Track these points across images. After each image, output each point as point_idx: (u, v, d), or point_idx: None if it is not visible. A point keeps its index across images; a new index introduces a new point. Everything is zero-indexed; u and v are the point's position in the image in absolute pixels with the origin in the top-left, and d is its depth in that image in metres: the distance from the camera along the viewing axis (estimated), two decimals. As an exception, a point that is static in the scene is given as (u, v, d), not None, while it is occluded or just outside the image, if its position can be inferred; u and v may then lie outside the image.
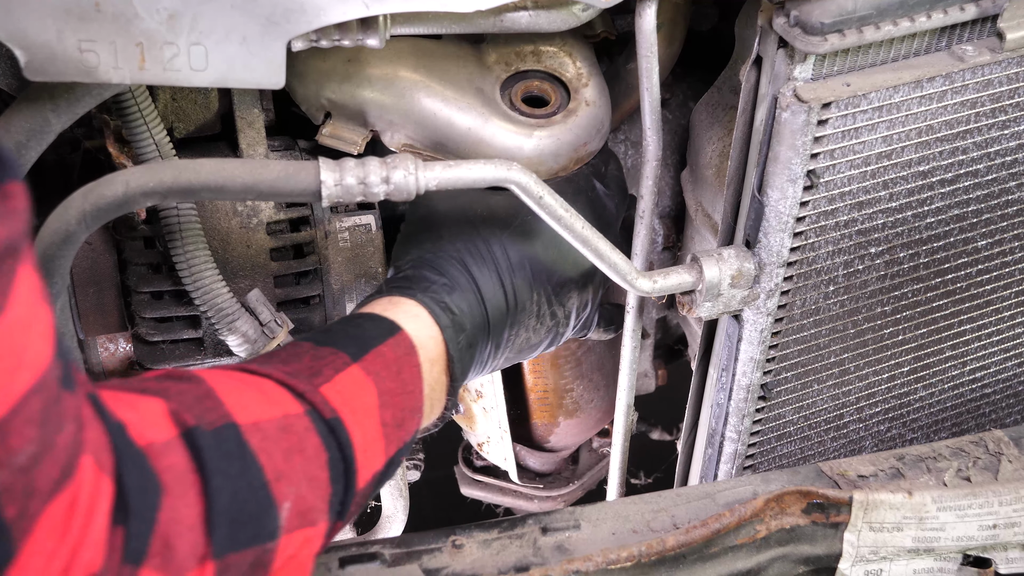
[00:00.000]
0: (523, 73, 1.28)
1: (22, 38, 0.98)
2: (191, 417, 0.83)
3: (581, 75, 1.29)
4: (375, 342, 1.06)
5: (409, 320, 1.12)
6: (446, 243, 1.21)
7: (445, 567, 1.06)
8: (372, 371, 1.02)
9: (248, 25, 1.01)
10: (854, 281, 1.25)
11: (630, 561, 1.06)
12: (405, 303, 1.14)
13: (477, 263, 1.20)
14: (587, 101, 1.28)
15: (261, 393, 0.93)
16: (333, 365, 1.00)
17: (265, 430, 0.89)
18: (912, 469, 1.20)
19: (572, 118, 1.26)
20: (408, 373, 1.07)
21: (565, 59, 1.29)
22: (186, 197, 1.06)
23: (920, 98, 1.13)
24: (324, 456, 0.93)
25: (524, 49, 1.28)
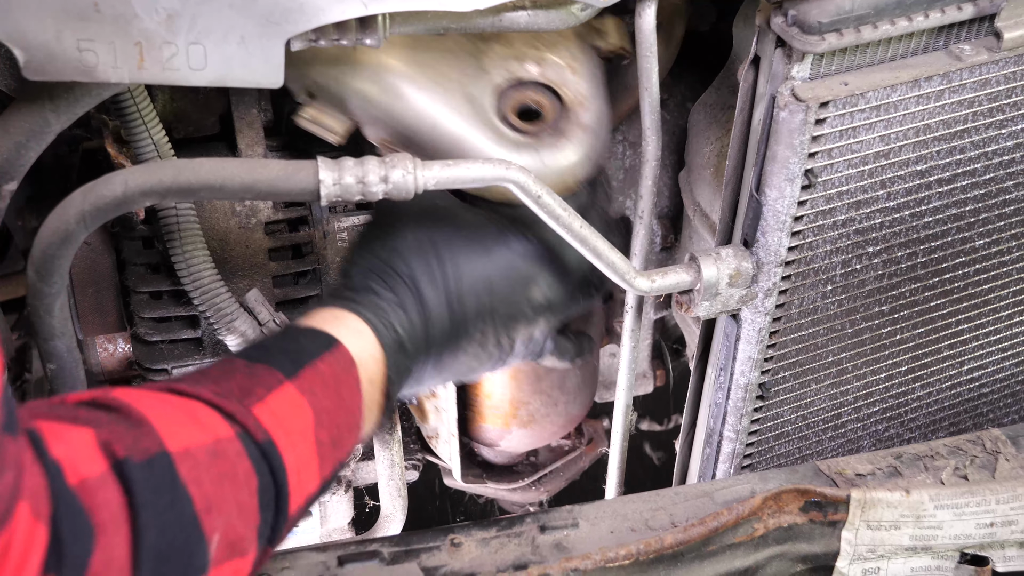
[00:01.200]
0: (524, 83, 1.24)
1: (21, 38, 0.98)
2: (121, 448, 0.80)
3: (580, 95, 1.24)
4: (311, 357, 1.02)
5: (351, 336, 1.08)
6: (400, 257, 1.17)
7: (443, 565, 1.07)
8: (307, 389, 0.99)
9: (246, 25, 1.01)
10: (852, 280, 1.25)
11: (628, 559, 1.06)
12: (349, 318, 1.11)
13: (428, 284, 1.16)
14: (582, 125, 1.23)
15: (192, 417, 0.89)
16: (266, 383, 0.97)
17: (196, 457, 0.86)
18: (910, 467, 1.20)
19: (562, 141, 1.22)
20: (347, 390, 1.04)
21: (567, 73, 1.25)
22: (185, 197, 1.06)
23: (918, 97, 1.13)
24: (255, 482, 0.90)
25: (528, 53, 1.25)
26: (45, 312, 1.10)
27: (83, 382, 1.19)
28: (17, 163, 1.11)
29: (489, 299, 1.19)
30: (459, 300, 1.17)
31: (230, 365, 0.99)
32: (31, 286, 1.09)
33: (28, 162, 1.11)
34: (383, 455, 1.57)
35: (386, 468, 1.58)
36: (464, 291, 1.18)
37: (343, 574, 1.05)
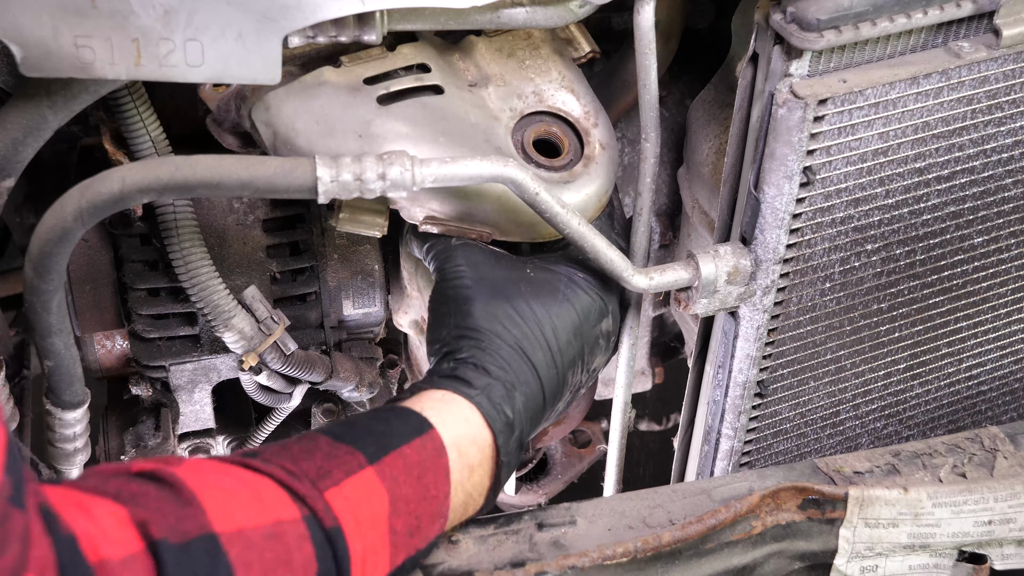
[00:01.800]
0: (529, 116, 1.24)
1: (18, 34, 0.98)
2: (159, 529, 0.78)
3: (588, 114, 1.25)
4: (398, 441, 0.99)
5: (454, 423, 1.05)
6: (500, 327, 1.12)
7: (441, 563, 1.06)
8: (388, 475, 0.96)
9: (244, 21, 1.01)
10: (850, 278, 1.25)
11: (626, 557, 1.06)
12: (458, 403, 1.07)
13: (534, 349, 1.13)
14: (601, 144, 1.24)
15: (255, 496, 0.88)
16: (346, 467, 0.94)
17: (250, 539, 0.84)
18: (908, 465, 1.20)
19: (593, 166, 1.23)
20: (432, 477, 1.01)
21: (568, 96, 1.25)
22: (182, 193, 1.06)
23: (916, 95, 1.13)
24: (314, 568, 0.88)
25: (524, 90, 1.24)
26: (43, 309, 1.10)
27: (81, 379, 1.19)
28: (15, 159, 1.11)
29: (579, 344, 1.18)
30: (560, 355, 1.15)
31: (314, 442, 0.97)
32: (29, 283, 1.09)
33: (26, 158, 1.11)
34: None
35: (384, 465, 1.58)
36: (563, 347, 1.15)
37: (340, 571, 1.05)
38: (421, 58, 1.21)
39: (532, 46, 1.26)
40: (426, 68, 1.21)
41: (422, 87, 1.20)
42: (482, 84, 1.23)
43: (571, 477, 1.74)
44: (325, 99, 1.18)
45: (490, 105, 1.23)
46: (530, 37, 1.26)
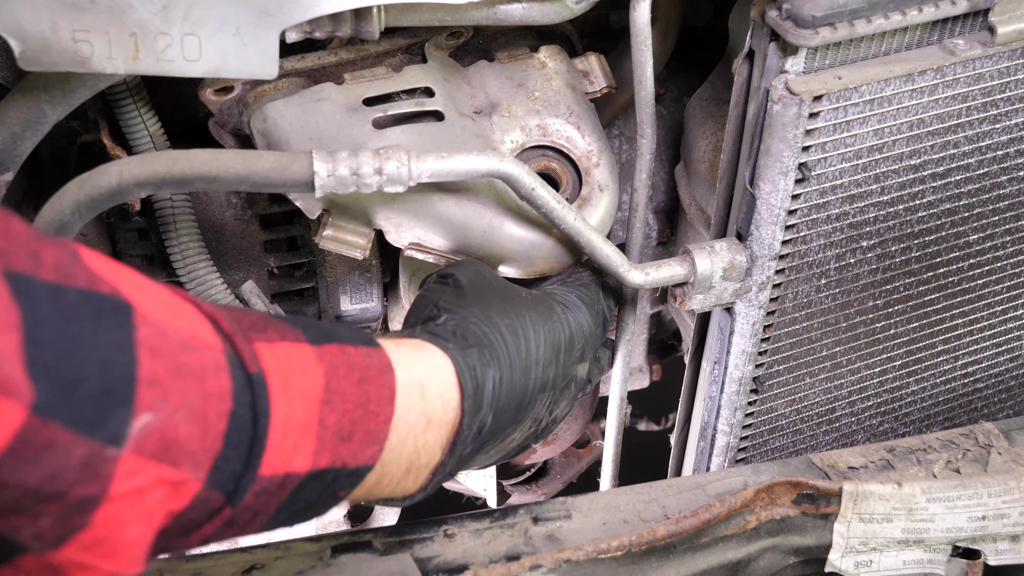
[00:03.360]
0: (531, 149, 1.22)
1: (16, 28, 0.99)
2: (22, 267, 0.67)
3: (591, 153, 1.22)
4: (344, 339, 0.89)
5: (423, 367, 0.96)
6: (492, 312, 1.06)
7: (437, 556, 1.07)
8: (327, 360, 0.85)
9: (241, 15, 1.01)
10: (846, 274, 1.26)
11: (620, 551, 1.07)
12: (431, 350, 0.98)
13: (520, 346, 1.05)
14: (600, 185, 1.22)
15: (176, 310, 0.76)
16: (282, 333, 0.83)
17: (164, 332, 0.72)
18: (902, 461, 1.21)
19: (588, 209, 1.21)
20: (375, 391, 0.89)
21: (573, 132, 1.22)
22: (180, 187, 1.07)
23: (911, 92, 1.14)
24: (228, 405, 0.75)
25: (529, 123, 1.22)
26: (40, 302, 1.10)
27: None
28: (13, 153, 1.11)
29: (557, 370, 1.10)
30: (539, 369, 1.07)
31: (252, 311, 0.87)
32: (26, 276, 1.09)
33: (24, 153, 1.12)
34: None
35: (381, 461, 1.59)
36: (544, 362, 1.08)
37: (336, 564, 1.06)
38: (427, 81, 1.19)
39: (545, 77, 1.24)
40: (430, 92, 1.19)
41: (422, 112, 1.18)
42: (486, 112, 1.22)
43: (570, 477, 1.74)
44: (321, 116, 1.17)
45: (492, 135, 1.20)
46: (544, 67, 1.24)
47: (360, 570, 1.05)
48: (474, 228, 1.17)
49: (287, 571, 1.05)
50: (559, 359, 1.11)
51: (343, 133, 1.16)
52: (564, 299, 1.16)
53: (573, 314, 1.15)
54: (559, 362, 1.11)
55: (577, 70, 1.27)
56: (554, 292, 1.18)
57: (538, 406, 1.09)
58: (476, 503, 1.86)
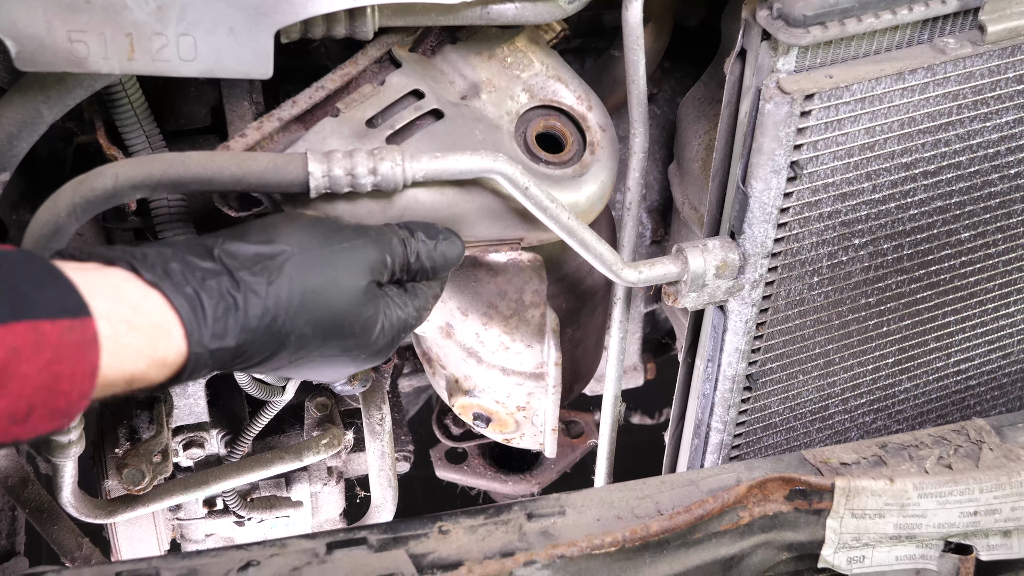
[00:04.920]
0: (525, 114, 1.23)
1: (12, 28, 0.99)
2: None
3: (580, 98, 1.24)
4: (40, 314, 0.82)
5: (138, 318, 0.89)
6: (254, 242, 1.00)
7: (431, 552, 1.08)
8: (8, 343, 0.80)
9: (236, 15, 1.02)
10: (838, 272, 1.26)
11: (614, 546, 1.07)
12: (149, 296, 0.91)
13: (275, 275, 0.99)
14: (600, 126, 1.24)
15: None
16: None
17: None
18: (894, 457, 1.21)
19: (600, 151, 1.23)
20: (68, 370, 0.84)
21: (557, 85, 1.24)
22: (175, 189, 1.07)
23: (902, 90, 1.14)
24: None
25: (514, 90, 1.23)
26: (37, 302, 1.11)
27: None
28: (9, 154, 1.12)
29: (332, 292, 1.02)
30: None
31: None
32: (23, 276, 1.10)
33: (20, 153, 1.12)
34: (374, 446, 1.58)
35: (376, 459, 1.60)
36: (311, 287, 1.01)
37: (331, 560, 1.06)
38: (412, 84, 1.19)
39: (507, 40, 1.24)
40: (420, 94, 1.19)
41: (423, 115, 1.18)
42: (472, 94, 1.22)
43: (564, 467, 1.75)
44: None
45: (488, 114, 1.21)
46: (503, 31, 1.24)
47: (355, 566, 1.05)
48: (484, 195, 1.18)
49: (283, 567, 1.05)
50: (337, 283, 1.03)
51: None
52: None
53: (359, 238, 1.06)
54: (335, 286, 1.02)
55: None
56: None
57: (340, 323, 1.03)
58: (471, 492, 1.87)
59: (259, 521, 1.66)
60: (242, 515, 1.64)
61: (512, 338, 1.30)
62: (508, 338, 1.30)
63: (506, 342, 1.30)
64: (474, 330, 1.31)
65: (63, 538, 1.49)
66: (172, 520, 1.66)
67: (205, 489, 1.52)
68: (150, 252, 0.95)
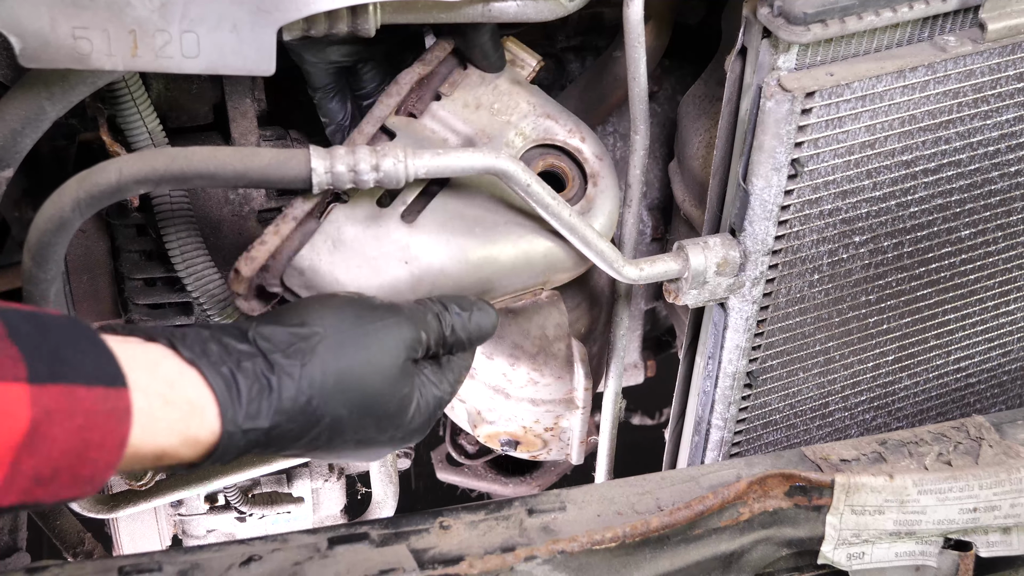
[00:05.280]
0: (522, 157, 1.23)
1: (16, 25, 1.00)
2: None
3: (572, 131, 1.24)
4: (77, 379, 0.83)
5: (158, 379, 0.90)
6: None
7: (432, 547, 1.08)
8: (42, 404, 0.80)
9: (239, 12, 1.02)
10: (839, 270, 1.27)
11: (615, 542, 1.08)
12: (188, 374, 0.92)
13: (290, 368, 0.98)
14: (596, 156, 1.24)
15: None
16: (4, 368, 0.79)
17: None
18: (894, 453, 1.22)
19: (601, 182, 1.23)
20: (99, 437, 0.84)
21: (547, 122, 1.24)
22: (179, 184, 1.08)
23: (903, 88, 1.15)
24: None
25: (508, 135, 1.22)
26: (41, 298, 1.11)
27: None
28: (13, 150, 1.12)
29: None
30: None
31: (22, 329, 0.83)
32: (27, 272, 1.10)
33: (24, 149, 1.12)
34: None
35: (378, 456, 1.60)
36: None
37: (333, 555, 1.07)
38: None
39: (491, 86, 1.24)
40: None
41: (429, 184, 1.18)
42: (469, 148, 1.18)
43: (564, 469, 1.75)
44: (354, 241, 1.15)
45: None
46: (483, 78, 1.24)
47: (356, 561, 1.06)
48: (502, 262, 1.19)
49: (284, 562, 1.06)
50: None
51: (384, 245, 1.15)
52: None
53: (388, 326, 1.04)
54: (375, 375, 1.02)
55: (511, 63, 1.28)
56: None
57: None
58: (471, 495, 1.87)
59: (260, 517, 1.67)
60: (243, 511, 1.65)
61: (541, 373, 1.30)
62: (537, 374, 1.30)
63: (535, 377, 1.31)
64: (501, 371, 1.31)
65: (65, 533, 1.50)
66: (174, 516, 1.67)
67: (206, 485, 1.53)
68: (189, 332, 0.96)
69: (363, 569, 1.05)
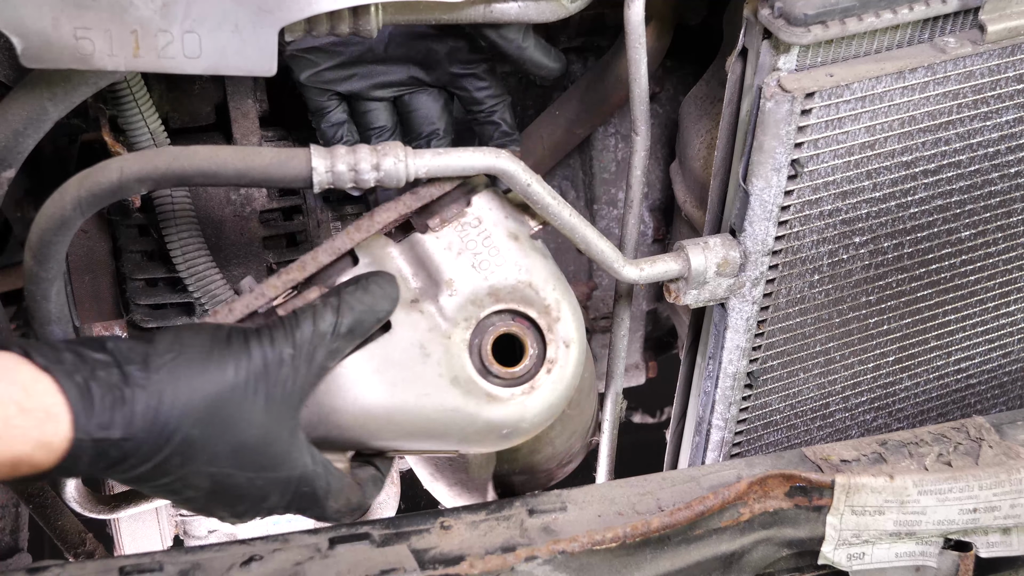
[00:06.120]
0: (488, 317, 1.11)
1: (18, 25, 1.00)
2: None
3: (549, 307, 1.12)
4: None
5: (14, 386, 0.90)
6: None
7: (433, 547, 1.08)
8: None
9: (240, 13, 1.02)
10: (839, 270, 1.27)
11: (615, 542, 1.08)
12: (39, 379, 0.91)
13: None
14: (566, 341, 1.12)
15: None
16: None
17: None
18: (894, 454, 1.22)
19: (556, 370, 1.11)
20: None
21: (528, 291, 1.12)
22: (180, 183, 1.08)
23: (903, 89, 1.15)
24: None
25: (479, 294, 1.11)
26: (42, 297, 1.12)
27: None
28: (15, 151, 1.12)
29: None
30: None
31: None
32: (28, 271, 1.11)
33: (26, 150, 1.13)
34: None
35: (379, 456, 1.60)
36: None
37: (333, 555, 1.07)
38: None
39: (483, 235, 1.12)
40: None
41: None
42: (428, 295, 1.11)
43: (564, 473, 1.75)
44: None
45: (441, 322, 1.10)
46: (480, 224, 1.13)
47: (357, 561, 1.06)
48: (433, 417, 1.10)
49: (285, 562, 1.06)
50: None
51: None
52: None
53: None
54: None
55: (514, 208, 1.15)
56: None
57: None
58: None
59: (261, 518, 1.67)
60: (245, 511, 1.65)
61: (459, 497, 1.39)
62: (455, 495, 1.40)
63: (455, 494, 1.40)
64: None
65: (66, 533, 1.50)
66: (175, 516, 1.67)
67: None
68: (44, 343, 0.96)
69: (364, 569, 1.05)
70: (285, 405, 1.01)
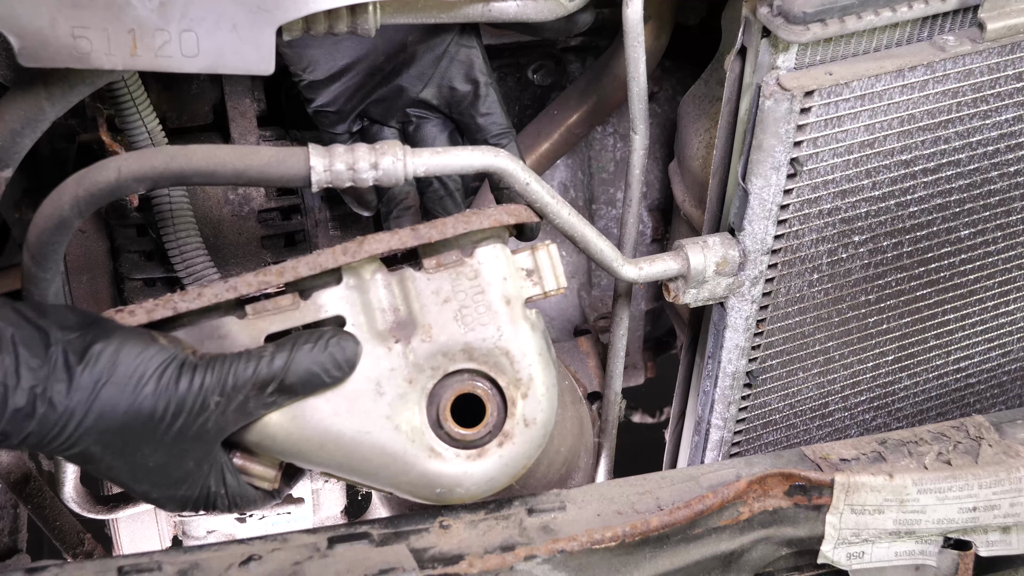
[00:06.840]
0: (455, 373, 1.08)
1: (16, 24, 1.00)
2: None
3: (520, 382, 1.08)
4: None
5: None
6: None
7: (432, 546, 1.08)
8: None
9: (238, 12, 1.02)
10: (838, 269, 1.27)
11: (614, 541, 1.08)
12: None
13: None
14: (526, 420, 1.07)
15: None
16: None
17: None
18: (893, 453, 1.22)
19: (508, 447, 1.07)
20: None
21: (502, 359, 1.07)
22: (177, 182, 1.07)
23: (902, 87, 1.15)
24: None
25: (452, 348, 1.07)
26: (40, 297, 1.11)
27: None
28: (13, 150, 1.12)
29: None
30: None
31: None
32: (27, 272, 1.10)
33: (24, 149, 1.13)
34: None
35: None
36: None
37: (332, 555, 1.07)
38: (338, 309, 1.07)
39: (476, 289, 1.08)
40: (342, 322, 1.07)
41: None
42: (403, 337, 1.07)
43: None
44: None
45: (405, 365, 1.07)
46: (476, 277, 1.08)
47: (356, 560, 1.06)
48: (378, 463, 1.07)
49: (284, 562, 1.06)
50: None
51: None
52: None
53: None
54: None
55: (520, 270, 1.10)
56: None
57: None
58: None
59: (260, 518, 1.67)
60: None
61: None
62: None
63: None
64: None
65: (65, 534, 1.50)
66: (173, 516, 1.67)
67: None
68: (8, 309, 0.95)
69: (363, 569, 1.05)
70: (198, 441, 1.00)
